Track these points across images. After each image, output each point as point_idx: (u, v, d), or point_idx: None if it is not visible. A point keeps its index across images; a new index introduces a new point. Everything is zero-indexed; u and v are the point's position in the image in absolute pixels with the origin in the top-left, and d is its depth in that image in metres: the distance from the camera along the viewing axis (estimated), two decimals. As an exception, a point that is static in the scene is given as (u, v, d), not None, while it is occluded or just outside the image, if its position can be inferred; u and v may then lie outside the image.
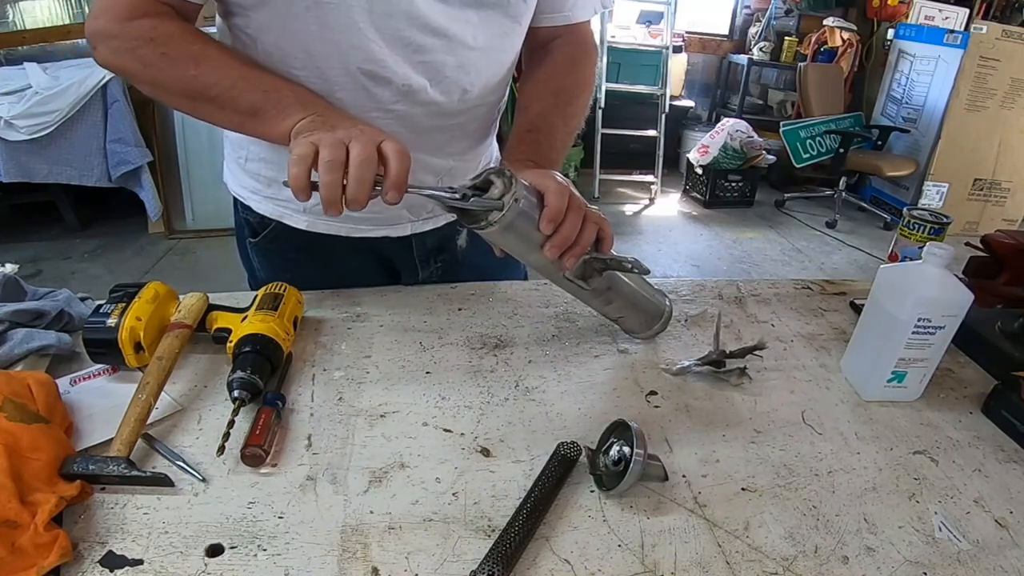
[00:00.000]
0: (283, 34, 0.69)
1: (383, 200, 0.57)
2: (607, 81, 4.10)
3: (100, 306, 0.67)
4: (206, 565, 0.47)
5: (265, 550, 0.49)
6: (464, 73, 0.76)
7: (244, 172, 0.87)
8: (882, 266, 0.74)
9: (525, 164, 0.71)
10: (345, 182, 0.55)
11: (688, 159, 4.39)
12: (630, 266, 0.67)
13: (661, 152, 4.34)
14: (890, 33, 4.44)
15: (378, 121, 0.74)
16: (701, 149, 4.24)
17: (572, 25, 0.86)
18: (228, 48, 0.70)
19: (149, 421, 0.59)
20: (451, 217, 0.89)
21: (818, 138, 4.21)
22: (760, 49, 4.72)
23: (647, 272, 0.68)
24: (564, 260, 0.63)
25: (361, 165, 0.55)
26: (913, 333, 0.67)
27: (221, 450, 0.56)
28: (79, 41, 3.47)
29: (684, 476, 0.59)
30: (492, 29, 0.76)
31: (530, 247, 0.63)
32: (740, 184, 4.32)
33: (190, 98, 0.68)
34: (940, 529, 0.55)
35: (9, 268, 0.77)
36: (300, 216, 0.86)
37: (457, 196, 0.59)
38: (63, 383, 0.64)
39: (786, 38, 4.71)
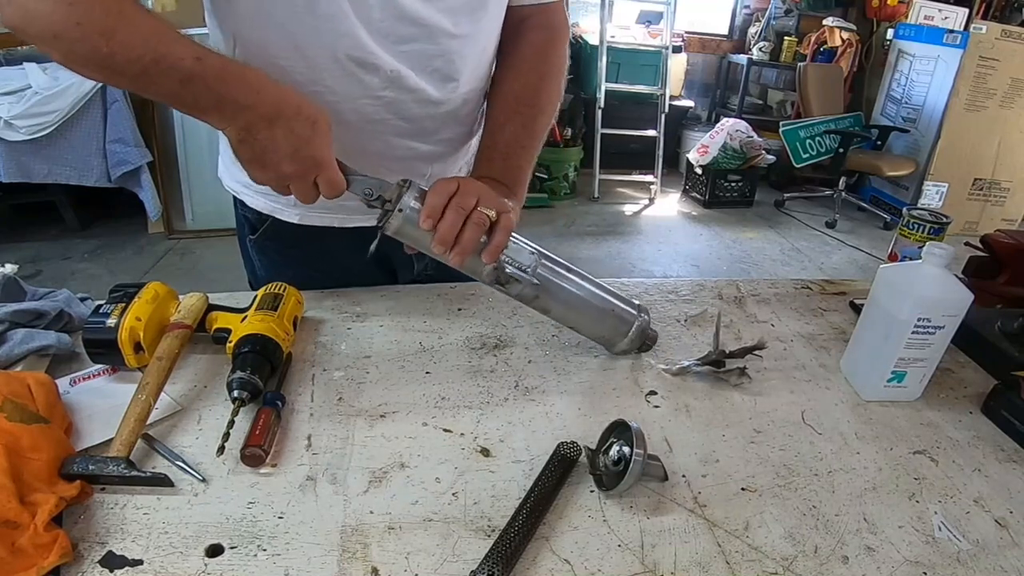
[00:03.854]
0: (269, 23, 0.68)
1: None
2: (607, 81, 4.09)
3: (100, 306, 0.67)
4: (206, 565, 0.47)
5: (265, 550, 0.49)
6: (448, 62, 0.76)
7: (236, 166, 0.86)
8: (882, 266, 0.74)
9: (483, 179, 0.73)
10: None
11: (688, 159, 4.39)
12: (529, 271, 0.68)
13: (661, 152, 4.34)
14: (890, 33, 4.44)
15: (368, 108, 0.75)
16: (701, 149, 4.23)
17: (544, 5, 0.85)
18: (152, 17, 0.61)
19: (149, 421, 0.59)
20: None
21: (818, 138, 4.20)
22: (760, 49, 4.72)
23: (532, 280, 0.69)
24: (451, 257, 0.65)
25: (305, 200, 0.66)
26: (913, 333, 0.67)
27: (221, 450, 0.56)
28: (79, 41, 3.47)
29: (684, 476, 0.59)
30: (469, 16, 0.75)
31: (428, 247, 0.66)
32: (740, 184, 4.32)
33: (105, 74, 0.61)
34: (940, 529, 0.55)
35: (9, 268, 0.77)
36: (292, 210, 0.85)
37: (369, 199, 0.66)
38: (63, 383, 0.64)
39: (786, 38, 4.70)
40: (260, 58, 0.71)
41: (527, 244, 0.70)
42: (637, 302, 0.77)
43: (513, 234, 0.69)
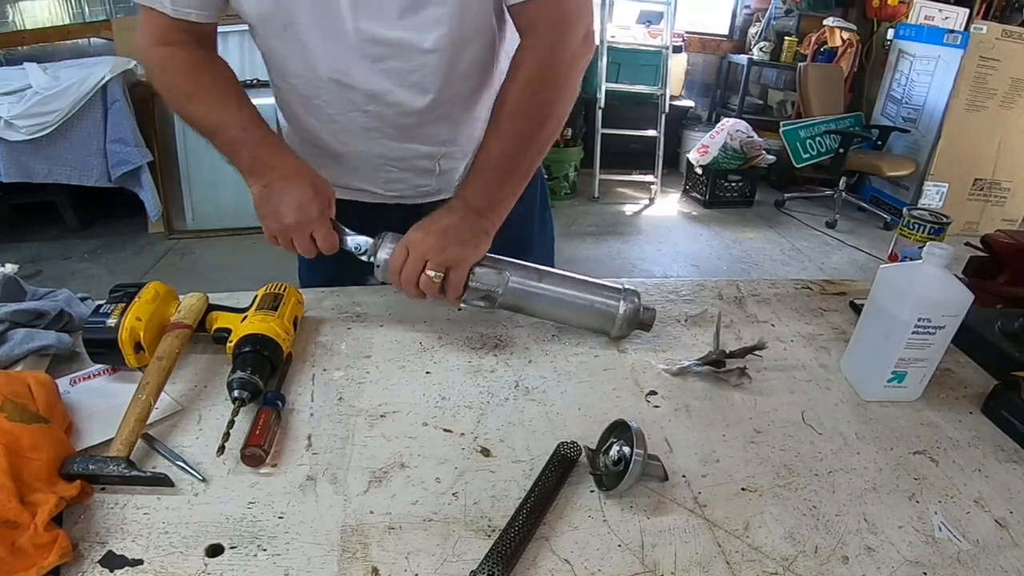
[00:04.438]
0: (277, 49, 0.80)
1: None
2: (607, 81, 4.09)
3: (100, 306, 0.67)
4: (206, 565, 0.47)
5: (265, 550, 0.49)
6: (423, 76, 0.79)
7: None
8: (882, 266, 0.74)
9: (457, 201, 0.78)
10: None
11: (688, 159, 4.38)
12: (501, 290, 0.76)
13: (661, 152, 4.34)
14: (890, 33, 4.43)
15: (360, 119, 0.84)
16: (701, 149, 4.23)
17: (522, 4, 0.76)
18: (222, 84, 0.80)
19: (149, 421, 0.59)
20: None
21: (818, 138, 4.20)
22: (760, 49, 4.71)
23: (492, 304, 0.76)
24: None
25: (305, 253, 0.78)
26: (913, 333, 0.67)
27: (221, 450, 0.56)
28: (79, 41, 3.48)
29: (684, 476, 0.59)
30: (437, 32, 0.76)
31: None
32: (740, 184, 4.31)
33: (193, 128, 0.81)
34: (940, 529, 0.55)
35: (9, 268, 0.77)
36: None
37: (359, 253, 0.79)
38: (63, 383, 0.64)
39: (786, 38, 4.70)
40: (280, 74, 0.83)
41: (495, 266, 0.77)
42: (625, 286, 0.79)
43: (485, 261, 0.76)
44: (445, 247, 0.73)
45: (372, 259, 0.77)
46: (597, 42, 3.96)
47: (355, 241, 0.78)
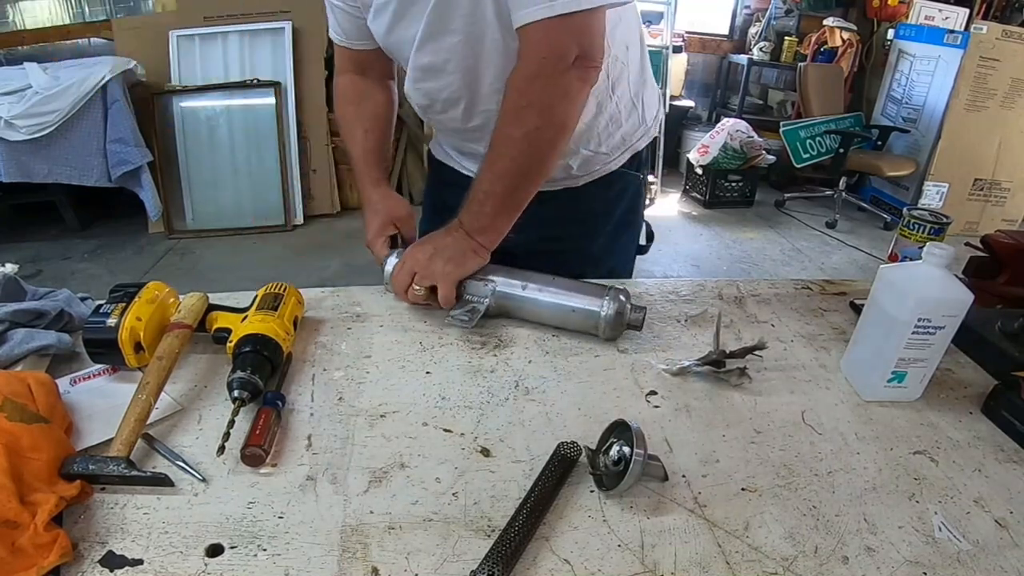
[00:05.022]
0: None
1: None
2: (607, 81, 4.09)
3: (100, 306, 0.67)
4: (206, 565, 0.47)
5: (265, 550, 0.49)
6: (449, 93, 0.87)
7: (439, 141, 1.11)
8: (882, 266, 0.74)
9: (456, 221, 0.84)
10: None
11: (688, 159, 4.38)
12: (487, 301, 0.81)
13: (661, 152, 4.34)
14: (890, 33, 4.43)
15: (432, 121, 1.00)
16: (701, 149, 4.23)
17: (520, 29, 0.73)
18: (361, 117, 1.00)
19: (149, 421, 0.59)
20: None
21: (818, 138, 4.20)
22: (760, 49, 4.71)
23: (475, 317, 0.79)
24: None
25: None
26: (913, 333, 0.67)
27: (221, 450, 0.56)
28: (79, 41, 3.48)
29: (684, 476, 0.59)
30: (453, 57, 0.83)
31: None
32: (740, 184, 4.31)
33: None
34: (940, 529, 0.55)
35: (9, 268, 0.77)
36: (437, 147, 1.11)
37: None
38: (63, 383, 0.64)
39: (786, 38, 4.70)
40: None
41: (485, 278, 0.82)
42: (613, 287, 0.79)
43: (477, 274, 0.82)
44: (430, 264, 0.81)
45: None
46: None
47: (394, 253, 0.89)
